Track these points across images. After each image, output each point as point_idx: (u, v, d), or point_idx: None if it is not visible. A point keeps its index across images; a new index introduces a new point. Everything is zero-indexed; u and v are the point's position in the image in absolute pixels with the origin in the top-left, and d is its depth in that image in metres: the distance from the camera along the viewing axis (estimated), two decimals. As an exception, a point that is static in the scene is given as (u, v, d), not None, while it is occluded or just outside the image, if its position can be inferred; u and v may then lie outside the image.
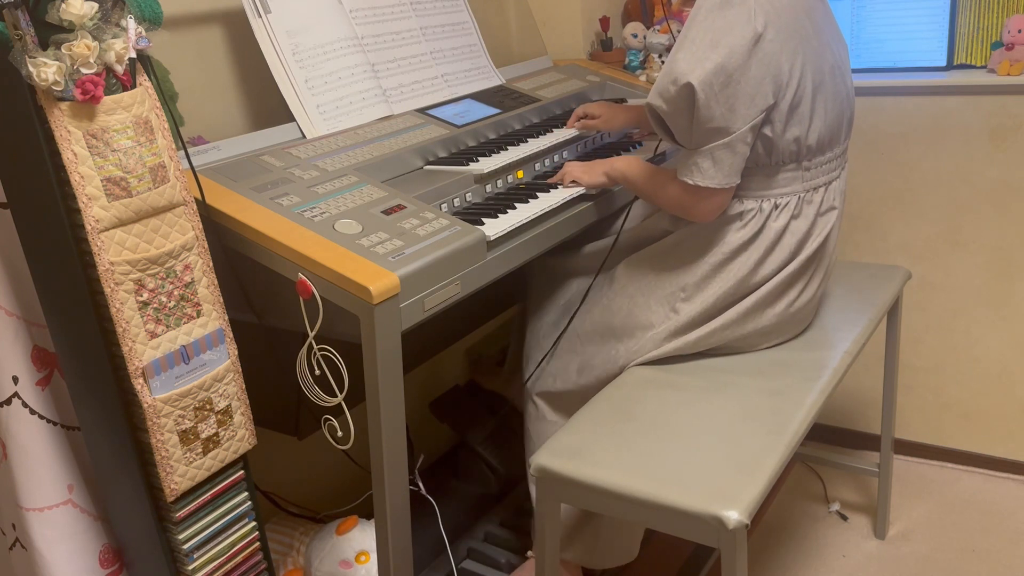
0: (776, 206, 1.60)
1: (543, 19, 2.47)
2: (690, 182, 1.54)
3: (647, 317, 1.66)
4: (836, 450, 2.57)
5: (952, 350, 2.39)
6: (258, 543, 1.45)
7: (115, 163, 1.17)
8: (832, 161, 1.64)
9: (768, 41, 1.47)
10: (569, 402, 1.78)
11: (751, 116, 1.49)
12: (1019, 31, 2.10)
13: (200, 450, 1.30)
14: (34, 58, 1.10)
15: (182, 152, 1.33)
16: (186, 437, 1.28)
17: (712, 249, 1.61)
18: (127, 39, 1.17)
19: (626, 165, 1.69)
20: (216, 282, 1.31)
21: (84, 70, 1.13)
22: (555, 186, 1.72)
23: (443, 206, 1.57)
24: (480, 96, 2.02)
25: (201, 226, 1.29)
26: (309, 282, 1.29)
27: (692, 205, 1.58)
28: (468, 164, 1.69)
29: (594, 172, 1.72)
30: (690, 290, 1.63)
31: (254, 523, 1.43)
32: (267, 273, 1.36)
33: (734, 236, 1.60)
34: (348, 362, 1.31)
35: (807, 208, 1.61)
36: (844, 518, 2.31)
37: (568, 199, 1.67)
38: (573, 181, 1.71)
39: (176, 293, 1.25)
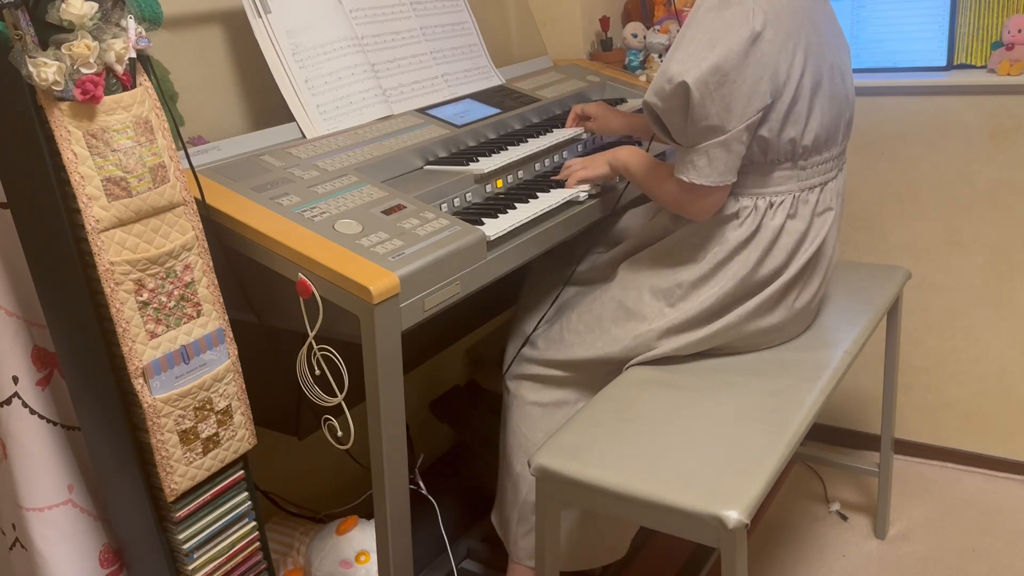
0: (771, 204, 1.60)
1: (543, 19, 2.47)
2: (685, 179, 1.54)
3: (640, 310, 1.66)
4: (836, 450, 2.57)
5: (952, 350, 2.39)
6: (258, 543, 1.45)
7: (115, 163, 1.17)
8: (829, 162, 1.64)
9: (766, 41, 1.47)
10: (545, 380, 1.78)
11: (747, 115, 1.49)
12: (1019, 31, 2.10)
13: (200, 450, 1.30)
14: (34, 58, 1.10)
15: (182, 152, 1.33)
16: (186, 437, 1.28)
17: (712, 248, 1.61)
18: (127, 39, 1.17)
19: (628, 155, 1.70)
20: (216, 282, 1.31)
21: (84, 70, 1.13)
22: (555, 185, 1.72)
23: (443, 206, 1.57)
24: (480, 96, 2.02)
25: (201, 226, 1.29)
26: (309, 282, 1.29)
27: (687, 203, 1.58)
28: (468, 164, 1.69)
29: (597, 163, 1.72)
30: (686, 287, 1.63)
31: (254, 523, 1.43)
32: (267, 273, 1.36)
33: (732, 234, 1.60)
34: (348, 362, 1.31)
35: (803, 208, 1.61)
36: (844, 518, 2.31)
37: (568, 199, 1.67)
38: (580, 180, 1.71)
39: (176, 293, 1.25)
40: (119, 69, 1.18)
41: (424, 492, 1.78)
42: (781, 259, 1.61)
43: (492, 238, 1.47)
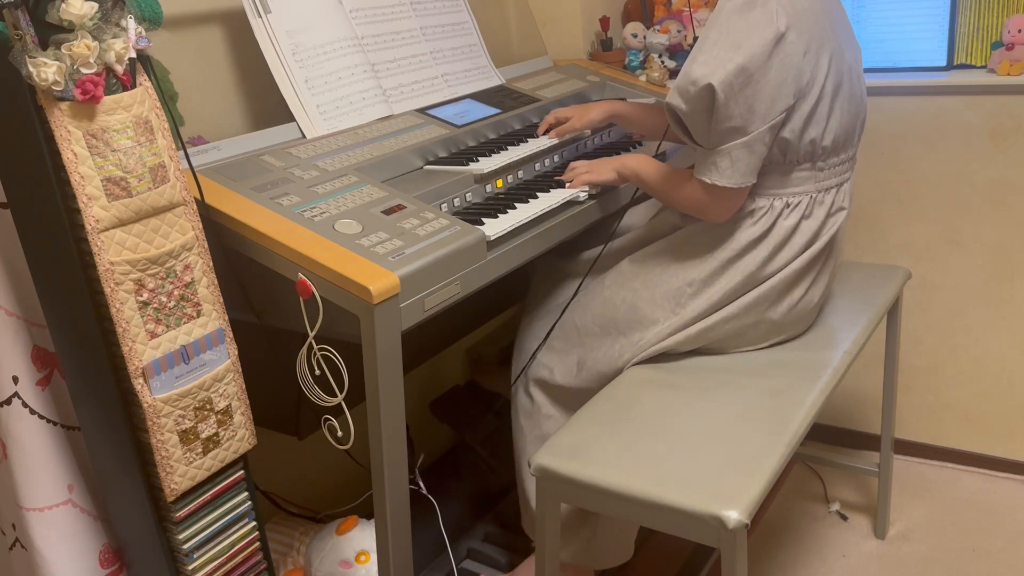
0: (788, 205, 1.60)
1: (543, 19, 2.47)
2: (708, 181, 1.54)
3: (651, 312, 1.66)
4: (836, 450, 2.57)
5: (952, 350, 2.39)
6: (258, 543, 1.45)
7: (115, 163, 1.17)
8: (845, 163, 1.64)
9: (790, 43, 1.47)
10: (567, 398, 1.78)
11: (771, 116, 1.49)
12: (1019, 31, 2.10)
13: (200, 450, 1.30)
14: (34, 58, 1.10)
15: (182, 152, 1.33)
16: (186, 437, 1.28)
17: (722, 245, 1.61)
18: (127, 39, 1.18)
19: (638, 163, 1.69)
20: (216, 282, 1.31)
21: (84, 70, 1.13)
22: (557, 185, 1.72)
23: (443, 206, 1.57)
24: (480, 96, 2.02)
25: (201, 226, 1.29)
26: (309, 282, 1.30)
27: (708, 205, 1.58)
28: (468, 164, 1.69)
29: (604, 169, 1.71)
30: (697, 286, 1.63)
31: (254, 523, 1.43)
32: (267, 273, 1.36)
33: (744, 233, 1.60)
34: (348, 362, 1.31)
35: (818, 209, 1.61)
36: (844, 518, 2.31)
37: (568, 199, 1.67)
38: (584, 183, 1.70)
39: (176, 293, 1.25)
40: (119, 69, 1.18)
41: (424, 492, 1.78)
42: (790, 256, 1.61)
43: (492, 238, 1.47)
